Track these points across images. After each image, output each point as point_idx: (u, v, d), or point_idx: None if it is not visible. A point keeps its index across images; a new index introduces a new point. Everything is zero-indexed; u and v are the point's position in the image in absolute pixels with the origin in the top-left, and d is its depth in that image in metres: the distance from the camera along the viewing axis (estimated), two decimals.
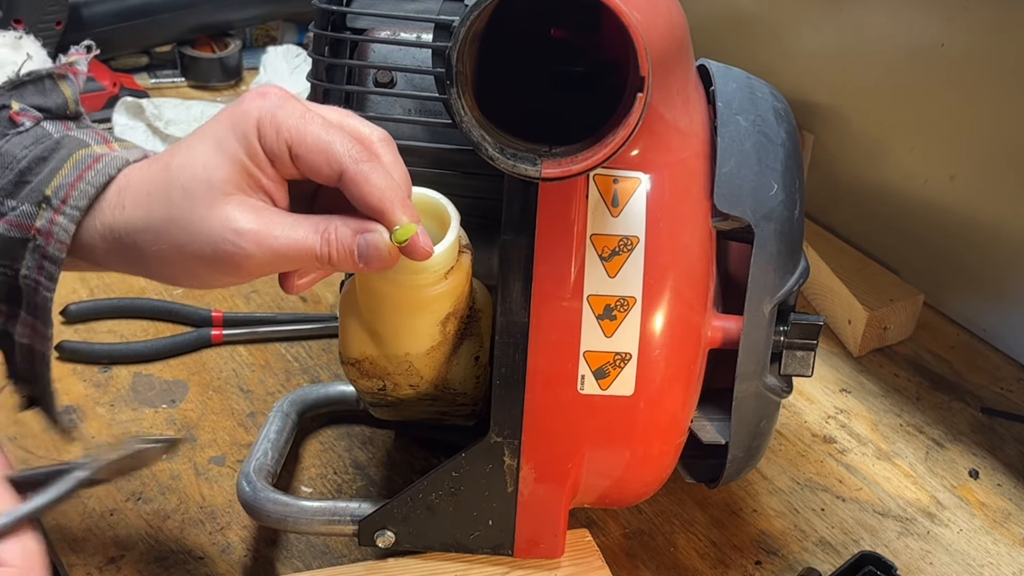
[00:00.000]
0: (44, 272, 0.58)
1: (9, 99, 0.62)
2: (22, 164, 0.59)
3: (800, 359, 0.67)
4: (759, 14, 1.19)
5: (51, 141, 0.60)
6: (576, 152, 0.57)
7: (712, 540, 0.79)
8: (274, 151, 0.55)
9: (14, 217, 0.59)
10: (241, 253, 0.54)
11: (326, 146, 0.54)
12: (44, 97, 0.64)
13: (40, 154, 0.60)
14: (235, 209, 0.54)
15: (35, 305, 0.60)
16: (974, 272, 1.03)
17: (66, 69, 0.65)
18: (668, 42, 0.61)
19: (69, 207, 0.57)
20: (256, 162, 0.55)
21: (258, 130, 0.54)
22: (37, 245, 0.58)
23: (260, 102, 0.55)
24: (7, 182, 0.59)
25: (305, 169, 0.55)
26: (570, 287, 0.62)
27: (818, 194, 1.11)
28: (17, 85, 0.63)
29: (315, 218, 0.56)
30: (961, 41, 0.97)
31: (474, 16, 0.54)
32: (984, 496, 0.85)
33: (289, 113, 0.55)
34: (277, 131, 0.54)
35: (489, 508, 0.67)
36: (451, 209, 0.60)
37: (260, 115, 0.55)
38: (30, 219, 0.58)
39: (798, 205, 0.65)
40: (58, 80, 0.64)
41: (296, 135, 0.54)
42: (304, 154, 0.54)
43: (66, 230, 0.57)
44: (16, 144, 0.60)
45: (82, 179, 0.58)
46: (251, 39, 1.48)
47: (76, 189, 0.58)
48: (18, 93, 0.63)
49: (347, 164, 0.54)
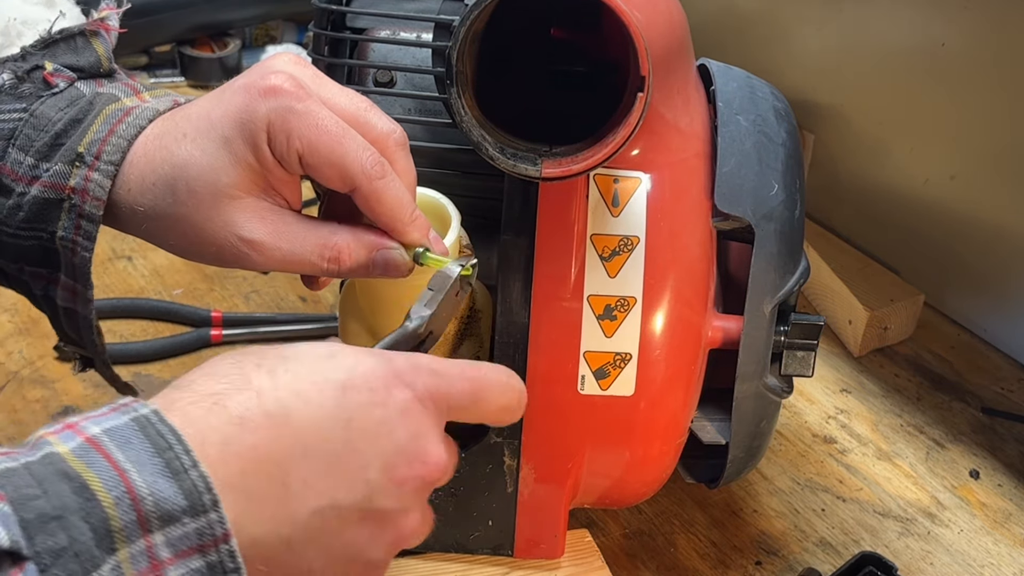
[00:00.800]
0: (81, 231, 0.57)
1: (42, 59, 0.61)
2: (57, 127, 0.58)
3: (800, 359, 0.67)
4: (759, 14, 1.19)
5: (84, 102, 0.59)
6: (576, 152, 0.57)
7: (712, 540, 0.79)
8: (284, 157, 0.53)
9: (48, 178, 0.57)
10: (245, 258, 0.54)
11: (339, 160, 0.52)
12: (77, 55, 0.62)
13: (75, 116, 0.58)
14: (240, 215, 0.54)
15: (73, 266, 0.58)
16: (975, 272, 1.03)
17: (98, 25, 0.63)
18: (668, 42, 0.61)
19: (103, 163, 0.56)
20: (265, 165, 0.53)
21: (268, 133, 0.52)
22: (73, 204, 0.56)
23: (272, 101, 0.52)
24: (42, 144, 0.57)
25: (316, 177, 0.54)
26: (570, 287, 0.62)
27: (818, 194, 1.11)
28: (49, 44, 0.62)
29: (323, 230, 0.55)
30: (961, 41, 0.97)
31: (474, 16, 0.54)
32: (985, 496, 0.85)
33: (301, 119, 0.52)
34: (288, 138, 0.52)
35: (489, 508, 0.67)
36: (452, 209, 0.60)
37: (271, 118, 0.52)
38: (64, 178, 0.56)
39: (798, 205, 0.65)
40: (90, 37, 0.63)
41: (307, 146, 0.52)
42: (316, 165, 0.53)
43: (102, 186, 0.56)
44: (51, 106, 0.59)
45: (114, 133, 0.56)
46: (251, 39, 1.48)
47: (108, 144, 0.56)
48: (50, 52, 0.61)
49: (361, 182, 0.52)
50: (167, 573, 0.39)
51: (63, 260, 0.58)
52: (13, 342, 0.93)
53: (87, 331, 0.61)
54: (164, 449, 0.39)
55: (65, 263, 0.59)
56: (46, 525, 0.37)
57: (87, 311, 0.60)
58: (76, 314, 0.61)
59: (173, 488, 0.39)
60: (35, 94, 0.59)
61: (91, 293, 0.59)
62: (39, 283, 0.61)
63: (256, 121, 0.52)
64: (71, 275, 0.59)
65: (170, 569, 0.39)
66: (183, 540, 0.39)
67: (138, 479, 0.38)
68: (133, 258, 1.04)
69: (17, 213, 0.58)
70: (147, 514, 0.38)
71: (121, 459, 0.39)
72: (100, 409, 0.41)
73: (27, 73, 0.60)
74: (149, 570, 0.38)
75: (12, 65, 0.60)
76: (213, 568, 0.40)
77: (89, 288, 0.59)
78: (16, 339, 0.93)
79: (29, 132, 0.58)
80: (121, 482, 0.38)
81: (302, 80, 0.53)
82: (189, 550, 0.39)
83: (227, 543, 0.40)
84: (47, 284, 0.61)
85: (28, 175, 0.57)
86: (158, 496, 0.38)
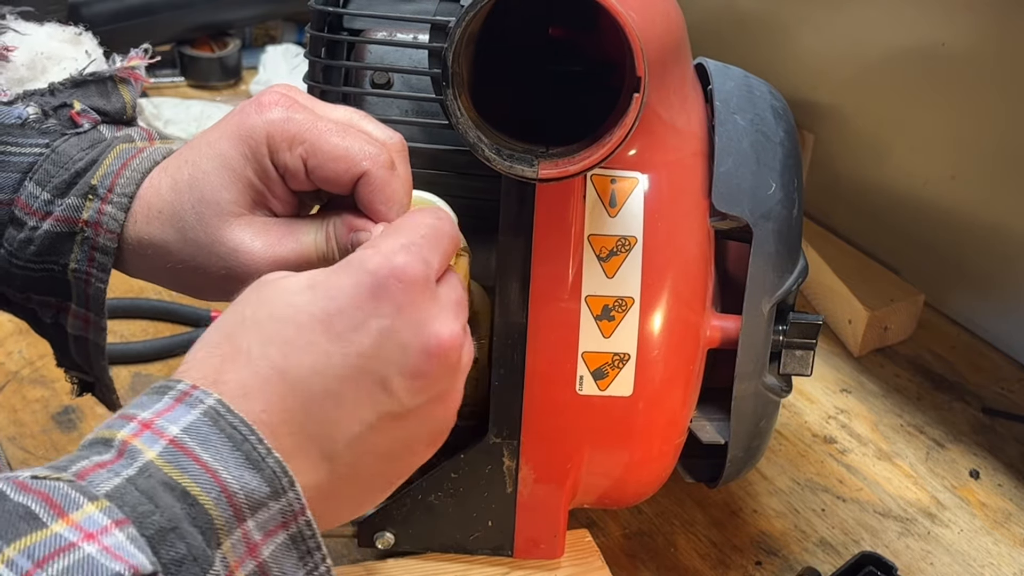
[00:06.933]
0: (95, 263, 0.57)
1: (71, 97, 0.61)
2: (78, 166, 0.58)
3: (799, 358, 0.67)
4: (759, 14, 1.19)
5: (104, 145, 0.59)
6: (573, 152, 0.57)
7: (712, 540, 0.79)
8: (287, 166, 0.53)
9: (61, 212, 0.57)
10: (252, 270, 0.54)
11: (344, 152, 0.52)
12: (106, 100, 0.63)
13: (94, 157, 0.58)
14: (244, 230, 0.54)
15: (87, 297, 0.58)
16: (975, 272, 1.03)
17: (128, 73, 0.64)
18: (665, 41, 0.61)
19: (116, 195, 0.56)
20: (265, 181, 0.54)
21: (268, 146, 0.53)
22: (86, 237, 0.57)
23: (270, 114, 0.53)
24: (60, 181, 0.58)
25: (320, 179, 0.53)
26: (568, 288, 0.62)
27: (818, 194, 1.11)
28: (79, 83, 0.62)
29: (316, 219, 0.55)
30: (961, 41, 0.97)
31: (470, 17, 0.54)
32: (985, 496, 0.85)
33: (301, 124, 0.53)
34: (290, 144, 0.52)
35: (488, 509, 0.67)
36: (448, 211, 0.60)
37: (270, 131, 0.53)
38: (77, 212, 0.57)
39: (797, 204, 0.65)
40: (119, 83, 0.63)
41: (311, 147, 0.52)
42: (322, 163, 0.52)
43: (115, 219, 0.56)
44: (73, 145, 0.59)
45: (127, 167, 0.57)
46: (250, 38, 1.48)
47: (122, 177, 0.56)
48: (80, 92, 0.62)
49: (368, 167, 0.52)
50: (261, 552, 0.43)
51: (75, 291, 0.59)
52: (13, 342, 0.93)
53: (97, 358, 0.61)
54: (240, 442, 0.43)
55: (77, 294, 0.59)
56: (165, 538, 0.40)
57: (100, 339, 0.60)
58: (87, 341, 0.61)
59: (257, 479, 0.43)
60: (59, 131, 0.60)
61: (105, 322, 0.59)
62: (48, 311, 0.61)
63: (256, 135, 0.53)
64: (83, 305, 0.59)
65: (263, 549, 0.43)
66: (270, 521, 0.43)
67: (227, 476, 0.42)
68: None
69: (28, 247, 0.58)
70: (240, 506, 0.42)
71: (208, 459, 0.42)
72: (157, 399, 0.44)
73: (54, 109, 0.61)
74: (247, 553, 0.43)
75: (40, 100, 0.61)
76: (295, 538, 0.44)
77: (103, 317, 0.59)
78: (16, 339, 0.93)
79: (49, 168, 0.58)
80: (215, 483, 0.42)
81: (296, 97, 0.54)
82: (275, 528, 0.43)
83: (304, 515, 0.44)
84: (56, 312, 0.61)
85: (43, 210, 0.58)
86: (247, 488, 0.42)
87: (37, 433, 0.84)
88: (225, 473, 0.42)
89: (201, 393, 0.44)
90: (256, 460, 0.43)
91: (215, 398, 0.43)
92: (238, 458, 0.43)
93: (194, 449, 0.42)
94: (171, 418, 0.43)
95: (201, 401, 0.43)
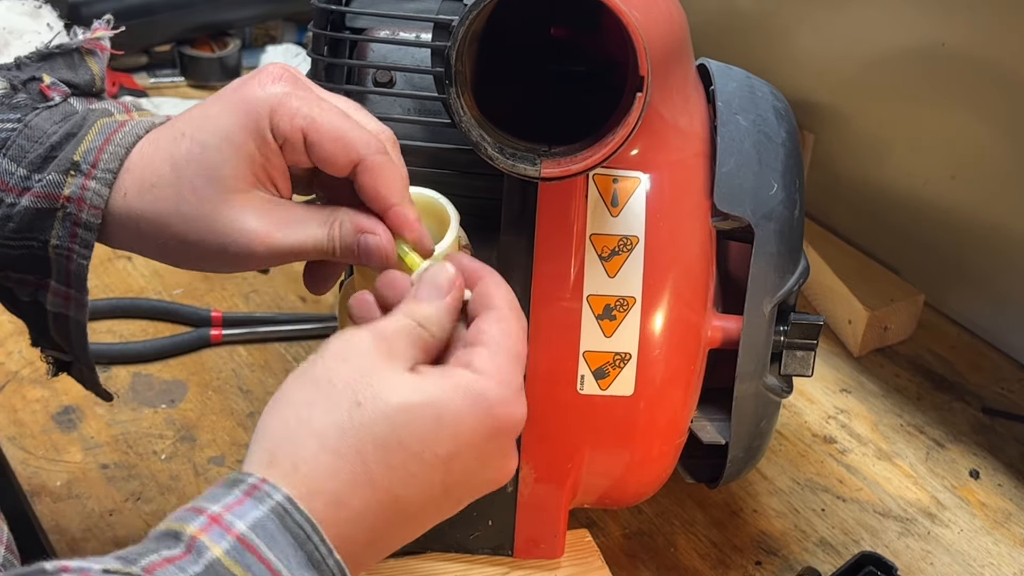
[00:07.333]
0: (78, 239, 0.57)
1: (39, 71, 0.61)
2: (52, 139, 0.57)
3: (800, 359, 0.67)
4: (759, 14, 1.19)
5: (78, 117, 0.59)
6: (575, 152, 0.57)
7: (712, 540, 0.79)
8: (287, 137, 0.53)
9: (40, 188, 0.57)
10: (247, 251, 0.54)
11: (343, 134, 0.53)
12: (73, 72, 0.62)
13: (69, 130, 0.58)
14: (243, 208, 0.54)
15: (68, 273, 0.58)
16: (975, 272, 1.03)
17: (95, 44, 0.63)
18: (668, 41, 0.61)
19: (100, 170, 0.55)
20: (266, 152, 0.54)
21: (271, 117, 0.53)
22: (68, 213, 0.56)
23: (272, 88, 0.54)
24: (35, 156, 0.57)
25: (318, 157, 0.54)
26: (570, 287, 0.62)
27: (818, 194, 1.11)
28: (46, 56, 0.62)
29: (324, 210, 0.55)
30: (961, 41, 0.97)
31: (473, 15, 0.54)
32: (985, 496, 0.85)
33: (303, 100, 0.53)
34: (292, 118, 0.53)
35: (489, 508, 0.67)
36: (451, 209, 0.60)
37: (273, 102, 0.53)
38: (57, 188, 0.56)
39: (798, 205, 0.65)
40: (85, 55, 0.63)
41: (311, 123, 0.53)
42: (320, 141, 0.53)
43: (99, 194, 0.55)
44: (45, 119, 0.58)
45: (110, 142, 0.56)
46: (250, 38, 1.48)
47: (105, 152, 0.56)
48: (48, 65, 0.61)
49: (365, 153, 0.53)
50: None
51: (55, 267, 0.58)
52: (13, 342, 0.93)
53: (79, 335, 0.61)
54: (304, 541, 0.45)
55: (57, 270, 0.58)
56: None
57: (81, 316, 0.60)
58: (68, 319, 0.60)
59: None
60: (30, 105, 0.59)
61: (86, 298, 0.59)
62: (25, 289, 0.60)
63: (258, 107, 0.53)
64: (64, 282, 0.59)
65: None
66: None
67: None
68: (133, 258, 1.04)
69: (7, 224, 0.57)
70: None
71: (272, 559, 0.44)
72: (229, 492, 0.45)
73: (23, 84, 0.60)
74: None
75: (7, 74, 0.60)
76: None
77: (84, 294, 0.59)
78: (16, 339, 0.93)
79: (23, 143, 0.57)
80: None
81: (296, 75, 0.55)
82: None
83: None
84: (35, 290, 0.60)
85: (19, 186, 0.57)
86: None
87: (37, 433, 0.84)
88: (287, 573, 0.44)
89: (269, 487, 0.45)
90: (318, 561, 0.45)
91: (283, 494, 0.45)
92: (300, 558, 0.44)
93: (260, 548, 0.44)
94: (239, 513, 0.44)
95: (270, 496, 0.45)
